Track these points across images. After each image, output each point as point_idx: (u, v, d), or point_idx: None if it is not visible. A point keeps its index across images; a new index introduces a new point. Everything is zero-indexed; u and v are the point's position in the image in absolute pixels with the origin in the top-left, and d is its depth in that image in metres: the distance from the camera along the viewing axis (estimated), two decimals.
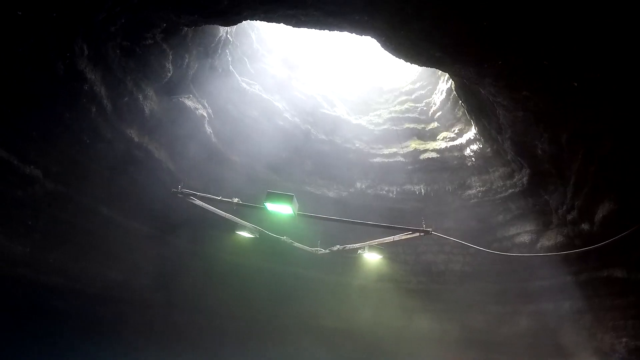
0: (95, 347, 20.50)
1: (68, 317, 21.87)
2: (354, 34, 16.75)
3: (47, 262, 22.07)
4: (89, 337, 21.35)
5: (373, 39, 16.20)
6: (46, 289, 22.29)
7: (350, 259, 28.50)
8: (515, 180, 24.36)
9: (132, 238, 24.60)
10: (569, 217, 21.32)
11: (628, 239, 17.71)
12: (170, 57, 18.32)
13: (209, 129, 21.68)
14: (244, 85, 23.25)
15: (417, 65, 20.87)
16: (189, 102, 20.33)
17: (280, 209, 10.54)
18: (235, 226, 15.81)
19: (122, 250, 24.82)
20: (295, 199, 10.28)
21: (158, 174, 21.45)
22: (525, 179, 23.16)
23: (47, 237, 21.51)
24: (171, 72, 18.79)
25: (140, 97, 18.30)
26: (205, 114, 21.17)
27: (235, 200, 11.50)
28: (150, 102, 18.85)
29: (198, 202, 12.29)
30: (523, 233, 26.79)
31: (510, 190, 25.33)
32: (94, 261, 24.08)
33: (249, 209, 17.42)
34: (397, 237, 12.26)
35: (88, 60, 15.40)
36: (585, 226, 20.13)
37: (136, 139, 19.58)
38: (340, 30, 16.36)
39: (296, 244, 15.01)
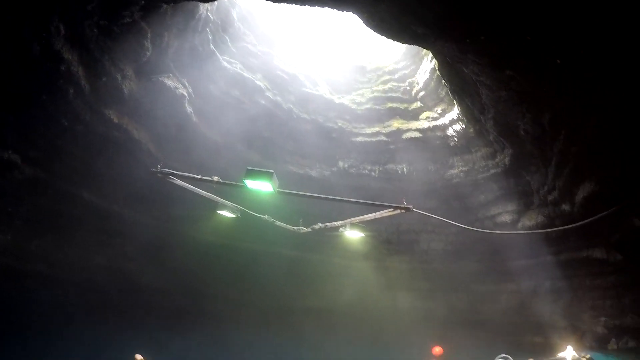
0: (83, 335, 20.32)
1: (54, 305, 21.66)
2: (335, 10, 16.55)
3: (29, 250, 21.82)
4: (75, 325, 21.16)
5: (356, 16, 16.03)
6: (30, 277, 22.07)
7: (333, 239, 28.47)
8: (497, 160, 24.45)
9: (115, 222, 24.34)
10: (550, 197, 21.46)
11: (608, 221, 17.92)
12: (149, 35, 17.71)
13: (189, 109, 21.29)
14: (225, 64, 22.86)
15: (400, 43, 20.78)
16: (169, 82, 19.86)
17: (260, 186, 10.40)
18: (216, 206, 15.67)
19: (106, 235, 24.59)
20: (275, 175, 10.14)
21: (138, 155, 21.05)
22: (507, 160, 23.24)
23: (28, 225, 21.24)
24: (150, 51, 18.19)
25: (119, 77, 17.74)
26: (185, 94, 20.75)
27: (215, 178, 11.35)
28: (129, 82, 18.31)
29: (178, 181, 12.12)
30: (504, 213, 27.01)
31: (492, 171, 25.45)
32: (77, 247, 23.82)
33: (231, 190, 17.27)
34: (378, 214, 12.22)
35: (65, 40, 14.93)
36: (566, 207, 20.27)
37: (115, 120, 19.10)
38: (322, 6, 16.15)
39: (278, 223, 14.94)
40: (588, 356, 24.08)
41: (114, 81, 17.60)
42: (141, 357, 17.09)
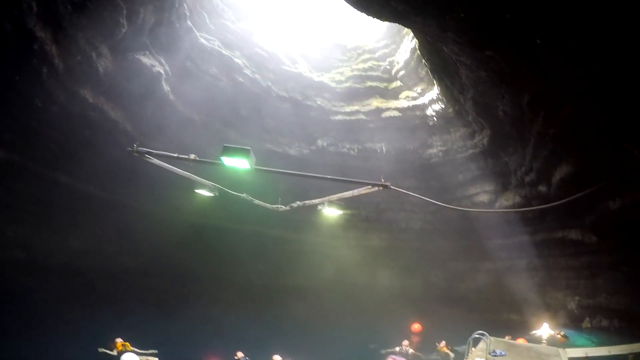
0: (63, 319, 20.08)
1: (32, 291, 21.33)
2: None
3: (6, 236, 21.43)
4: (55, 309, 20.89)
5: None
6: (7, 264, 21.72)
7: (313, 218, 28.49)
8: (475, 141, 24.56)
9: (93, 205, 24.00)
10: (527, 178, 21.63)
11: (583, 203, 18.12)
12: (125, 12, 17.15)
13: (166, 87, 20.95)
14: (203, 41, 22.51)
15: (381, 21, 20.60)
16: (145, 59, 19.42)
17: (237, 163, 10.24)
18: (194, 185, 15.52)
19: (84, 219, 24.23)
20: (251, 152, 9.99)
21: (115, 135, 20.67)
22: (485, 140, 23.36)
23: (4, 210, 20.86)
24: (126, 28, 17.63)
25: (94, 55, 17.22)
26: (162, 71, 20.34)
27: (192, 156, 11.14)
28: (104, 60, 17.78)
29: (155, 160, 11.88)
30: (482, 193, 27.25)
31: (470, 151, 25.60)
32: (56, 232, 23.47)
33: (209, 170, 17.06)
34: (356, 192, 12.15)
35: (37, 18, 14.43)
36: (542, 188, 20.44)
37: (91, 100, 18.63)
38: None
39: (256, 202, 14.79)
40: (562, 333, 24.55)
41: (89, 60, 17.08)
42: (121, 340, 17.04)
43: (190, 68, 22.11)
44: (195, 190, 15.91)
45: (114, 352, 16.77)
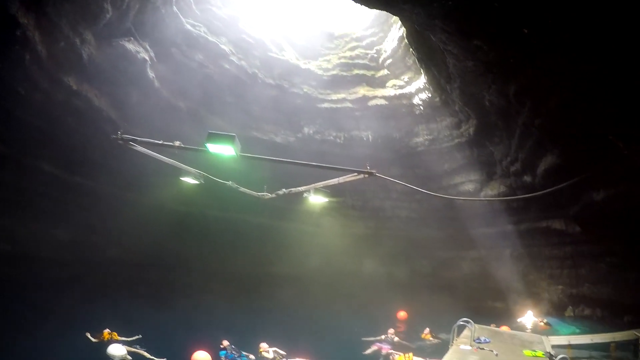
0: (51, 312, 19.89)
1: (18, 283, 21.10)
2: None
3: None
4: (42, 302, 20.67)
5: None
6: None
7: (298, 205, 28.55)
8: (462, 130, 24.62)
9: (79, 195, 23.75)
10: (513, 168, 21.75)
11: (567, 194, 18.27)
12: None
13: (151, 74, 20.63)
14: (189, 27, 22.19)
15: (369, 9, 20.54)
16: (130, 45, 19.06)
17: (222, 150, 10.15)
18: (180, 173, 15.43)
19: (70, 209, 24.00)
20: (237, 139, 9.90)
21: (99, 123, 20.34)
22: (471, 130, 23.41)
23: None
24: (110, 14, 17.16)
25: (78, 41, 16.83)
26: (147, 58, 19.99)
27: (177, 143, 11.03)
28: (88, 46, 17.41)
29: (139, 148, 11.78)
30: (467, 182, 27.42)
31: (456, 140, 25.68)
32: (42, 223, 23.18)
33: (195, 159, 16.95)
34: (342, 179, 12.12)
35: (20, 4, 14.10)
36: (527, 178, 20.58)
37: (75, 87, 18.28)
38: None
39: (242, 189, 14.77)
40: (545, 321, 24.89)
41: (73, 46, 16.71)
42: (108, 331, 16.97)
43: (175, 54, 21.83)
44: (181, 178, 15.83)
45: (96, 340, 16.71)
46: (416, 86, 25.21)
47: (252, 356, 16.96)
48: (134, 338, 17.43)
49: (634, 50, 9.35)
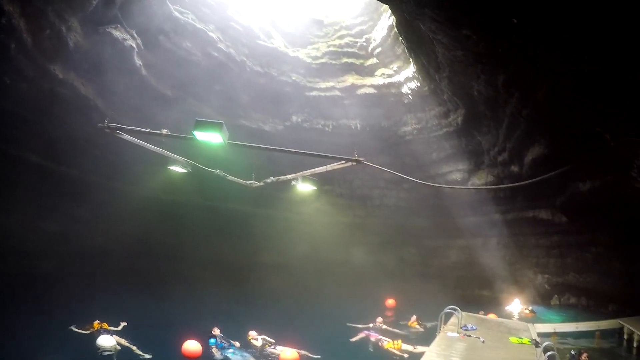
0: (39, 304, 19.74)
1: (7, 277, 20.88)
2: None
3: None
4: (30, 294, 20.51)
5: None
6: None
7: (286, 194, 28.47)
8: (450, 119, 24.71)
9: (66, 185, 23.53)
10: (500, 158, 21.87)
11: (554, 184, 18.41)
12: None
13: (138, 62, 20.35)
14: (176, 14, 21.92)
15: None
16: (117, 33, 18.71)
17: (210, 138, 10.11)
18: (167, 162, 15.36)
19: (57, 200, 23.75)
20: (224, 126, 9.84)
21: (86, 112, 20.01)
22: (460, 119, 23.51)
23: None
24: (97, 0, 16.88)
25: (64, 28, 16.49)
26: (134, 45, 19.72)
27: (164, 131, 10.98)
28: (74, 34, 17.06)
29: (126, 136, 11.70)
30: (455, 171, 27.57)
31: (444, 129, 25.77)
32: (28, 215, 22.91)
33: (183, 148, 16.89)
34: (329, 167, 12.13)
35: None
36: (515, 168, 20.70)
37: (61, 76, 17.96)
38: None
39: (230, 177, 14.73)
40: (530, 308, 25.16)
41: (59, 34, 16.39)
42: (98, 322, 16.92)
43: (163, 42, 21.57)
44: (169, 167, 15.76)
45: (88, 332, 16.67)
46: (405, 75, 25.19)
47: (237, 343, 16.98)
48: (121, 327, 17.41)
49: (620, 43, 9.38)
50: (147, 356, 15.33)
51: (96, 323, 16.77)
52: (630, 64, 9.72)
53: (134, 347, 15.94)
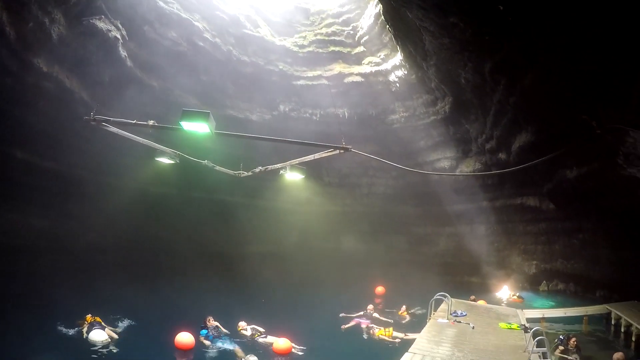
0: (31, 300, 19.56)
1: None
2: None
3: None
4: (23, 291, 20.27)
5: None
6: None
7: (276, 184, 28.51)
8: (437, 107, 24.80)
9: (54, 181, 23.24)
10: (488, 146, 21.95)
11: (541, 171, 18.51)
12: None
13: (123, 53, 20.04)
14: (161, 3, 21.61)
15: None
16: (101, 24, 18.35)
17: (197, 128, 10.04)
18: (155, 153, 15.26)
19: (46, 196, 23.48)
20: (211, 116, 9.77)
21: (71, 106, 19.68)
22: (447, 107, 23.58)
23: None
24: None
25: (47, 21, 16.11)
26: (119, 36, 19.38)
27: (151, 122, 10.86)
28: (58, 26, 16.67)
29: (113, 128, 11.59)
30: (443, 159, 27.70)
31: (432, 117, 25.87)
32: (17, 212, 22.56)
33: (171, 140, 16.85)
34: (317, 155, 12.10)
35: None
36: (502, 155, 20.79)
37: (45, 69, 17.54)
38: None
39: (218, 168, 14.69)
40: (517, 294, 25.38)
41: (42, 26, 16.03)
42: (90, 316, 16.84)
43: (148, 33, 21.31)
44: (156, 159, 15.69)
45: (80, 327, 16.60)
46: (392, 63, 25.21)
47: (225, 330, 16.97)
48: (117, 330, 17.33)
49: (606, 32, 9.41)
50: None
51: (89, 317, 16.70)
52: (616, 53, 9.76)
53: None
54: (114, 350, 14.77)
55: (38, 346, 14.34)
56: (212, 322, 16.97)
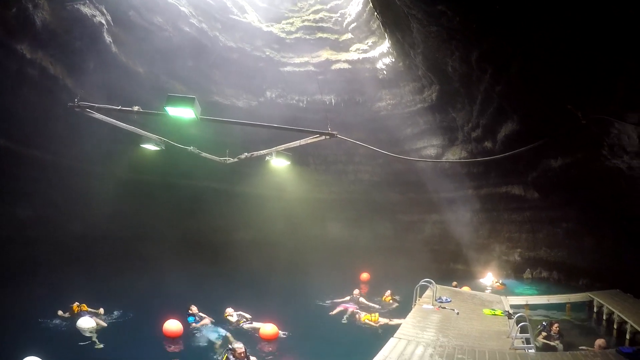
0: (17, 291, 19.41)
1: None
2: None
3: None
4: (8, 283, 20.10)
5: None
6: None
7: (262, 171, 28.54)
8: (424, 95, 24.83)
9: (38, 169, 23.01)
10: (474, 134, 22.07)
11: (526, 160, 18.65)
12: None
13: (108, 38, 19.85)
14: None
15: None
16: (86, 9, 18.10)
17: (182, 113, 9.99)
18: (140, 141, 15.19)
19: (29, 185, 23.19)
20: (196, 101, 9.73)
21: (55, 93, 19.54)
22: (434, 95, 23.65)
23: None
24: None
25: (30, 6, 15.94)
26: (103, 22, 19.16)
27: (136, 108, 10.79)
28: (41, 11, 16.52)
29: (97, 115, 11.50)
30: (429, 147, 27.81)
31: (419, 105, 25.92)
32: (0, 202, 22.42)
33: (156, 127, 16.75)
34: (303, 141, 12.12)
35: None
36: (488, 144, 20.92)
37: (28, 56, 17.37)
38: None
39: (204, 154, 14.68)
40: (500, 281, 25.65)
41: (25, 12, 15.83)
42: (77, 304, 16.81)
43: (133, 18, 21.01)
44: (142, 145, 15.62)
45: (67, 315, 16.56)
46: (380, 50, 25.20)
47: (209, 319, 16.98)
48: (101, 311, 17.31)
49: (593, 22, 9.46)
50: None
51: (75, 305, 16.67)
52: (601, 44, 9.82)
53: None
54: (103, 338, 14.72)
55: (25, 336, 14.29)
56: (194, 310, 17.03)
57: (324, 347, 14.99)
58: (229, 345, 12.50)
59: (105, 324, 16.01)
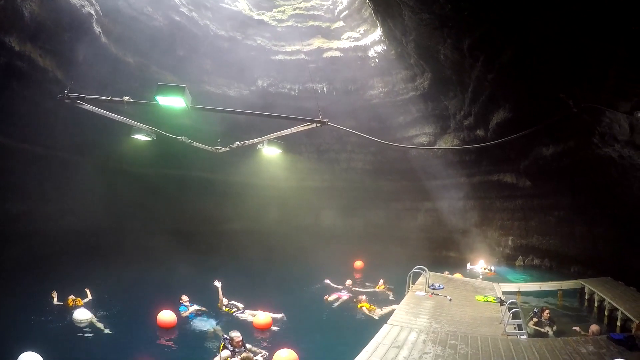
0: (9, 286, 19.33)
1: None
2: None
3: None
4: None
5: None
6: None
7: (254, 160, 28.49)
8: (416, 83, 24.84)
9: (28, 163, 22.77)
10: (466, 122, 22.13)
11: (518, 148, 18.69)
12: None
13: (98, 29, 19.60)
14: None
15: None
16: (74, 0, 17.90)
17: (173, 102, 9.93)
18: (131, 131, 15.11)
19: (20, 179, 22.98)
20: (187, 90, 9.67)
21: (45, 85, 19.26)
22: (426, 83, 23.66)
23: None
24: None
25: None
26: (92, 12, 18.92)
27: (126, 98, 10.71)
28: (29, 3, 16.16)
29: (87, 106, 11.39)
30: (422, 135, 27.80)
31: (411, 93, 25.92)
32: None
33: (146, 117, 16.62)
34: (294, 129, 12.06)
35: None
36: (480, 132, 20.97)
37: (17, 48, 17.02)
38: None
39: (195, 144, 14.60)
40: (491, 268, 25.83)
41: (12, 3, 15.52)
42: (73, 297, 16.79)
43: (122, 7, 20.73)
44: (133, 136, 15.52)
45: (61, 303, 16.55)
46: (372, 38, 25.16)
47: (198, 307, 17.01)
48: (89, 296, 17.35)
49: (585, 11, 9.47)
50: None
51: (70, 299, 16.66)
52: (593, 32, 9.84)
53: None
54: (98, 330, 14.72)
55: (20, 331, 14.24)
56: (185, 301, 17.05)
57: (318, 335, 15.07)
58: (225, 335, 12.54)
59: (98, 322, 15.94)
